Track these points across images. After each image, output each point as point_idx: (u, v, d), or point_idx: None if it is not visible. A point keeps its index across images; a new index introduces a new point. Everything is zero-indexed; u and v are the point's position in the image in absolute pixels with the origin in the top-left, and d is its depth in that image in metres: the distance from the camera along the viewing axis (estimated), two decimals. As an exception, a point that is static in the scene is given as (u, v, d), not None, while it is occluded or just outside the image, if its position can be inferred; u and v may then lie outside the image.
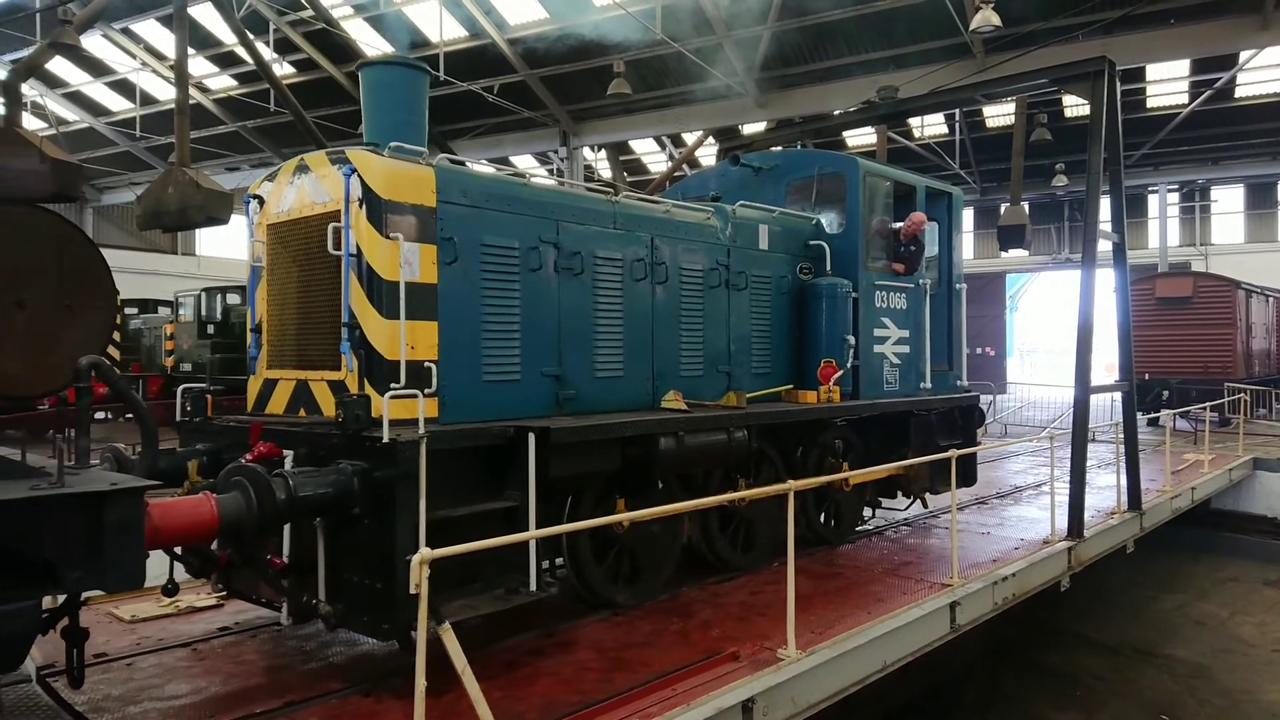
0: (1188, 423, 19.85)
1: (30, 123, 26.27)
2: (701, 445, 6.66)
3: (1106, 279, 10.85)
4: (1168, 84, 25.75)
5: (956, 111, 26.72)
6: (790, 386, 8.15)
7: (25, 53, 20.85)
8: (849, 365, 8.13)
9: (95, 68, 28.41)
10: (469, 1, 22.18)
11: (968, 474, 9.47)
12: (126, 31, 25.92)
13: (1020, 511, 10.94)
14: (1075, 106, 26.33)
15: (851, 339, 8.15)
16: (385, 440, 4.92)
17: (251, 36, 20.18)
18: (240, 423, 5.96)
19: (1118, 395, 10.97)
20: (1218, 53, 21.16)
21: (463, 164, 6.37)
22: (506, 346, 6.10)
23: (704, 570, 7.64)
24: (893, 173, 9.12)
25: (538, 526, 5.61)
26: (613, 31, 20.38)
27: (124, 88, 29.43)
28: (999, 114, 27.92)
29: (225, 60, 26.54)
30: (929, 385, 9.22)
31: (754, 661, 5.49)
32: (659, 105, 25.37)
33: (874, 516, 9.65)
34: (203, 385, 6.41)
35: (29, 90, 22.24)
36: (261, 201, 6.38)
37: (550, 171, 28.41)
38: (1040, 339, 58.90)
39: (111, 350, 22.82)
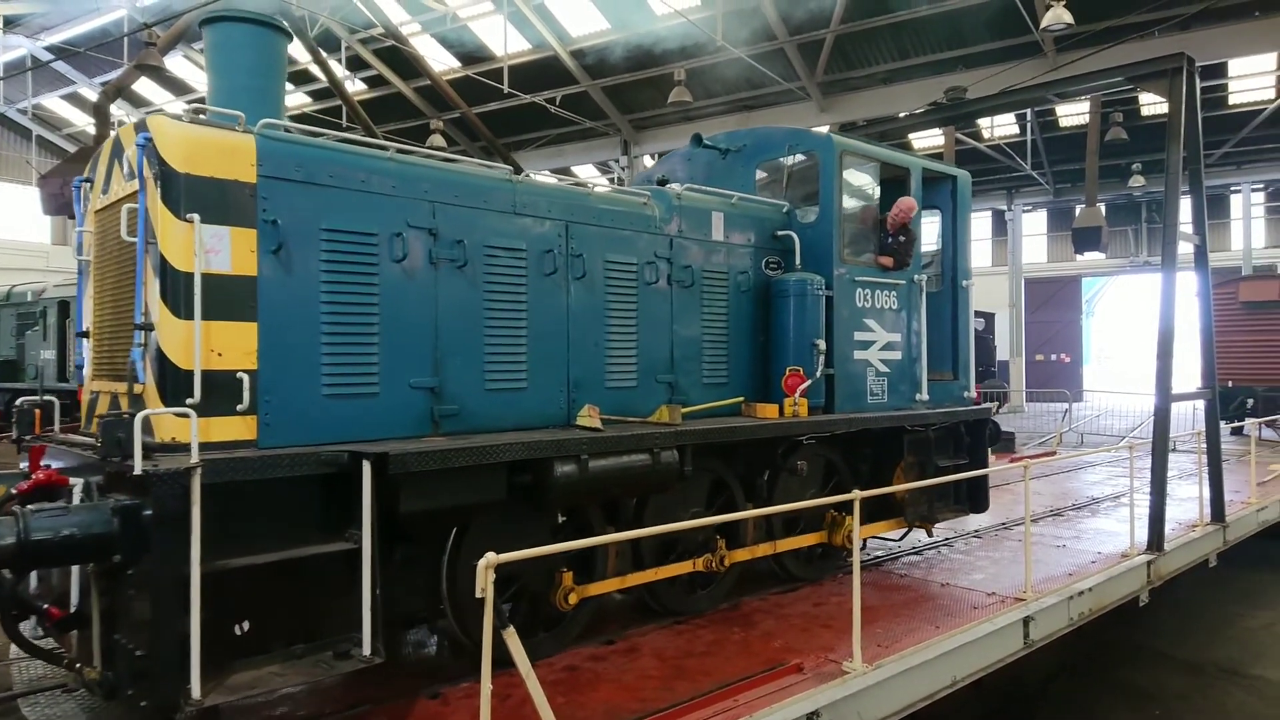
0: (1274, 432, 18.62)
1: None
2: (615, 470, 5.40)
3: (1188, 283, 10.08)
4: (1251, 79, 23.91)
5: (1028, 111, 25.26)
6: (742, 399, 6.89)
7: (113, 75, 21.80)
8: (818, 374, 6.85)
9: (178, 87, 28.85)
10: (532, 15, 21.89)
11: (977, 499, 8.26)
12: (208, 53, 26.96)
13: (1097, 524, 10.34)
14: (1152, 104, 24.57)
15: (822, 344, 6.85)
16: (137, 471, 3.84)
17: (324, 55, 20.69)
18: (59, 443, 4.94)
19: (1200, 404, 10.39)
20: (1305, 46, 20.03)
21: (300, 131, 5.14)
22: (357, 353, 4.88)
23: (766, 580, 7.23)
24: (879, 152, 7.72)
25: (400, 571, 4.80)
26: (673, 40, 19.85)
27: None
28: (1072, 113, 26.24)
29: (299, 78, 26.50)
30: (926, 397, 7.84)
31: (818, 674, 5.23)
32: (720, 112, 24.62)
33: (864, 549, 8.25)
34: (35, 399, 5.40)
35: (116, 110, 23.04)
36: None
37: (611, 180, 28.51)
38: (1118, 345, 56.95)
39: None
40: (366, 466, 4.34)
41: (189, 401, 4.19)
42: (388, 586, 4.64)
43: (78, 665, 4.26)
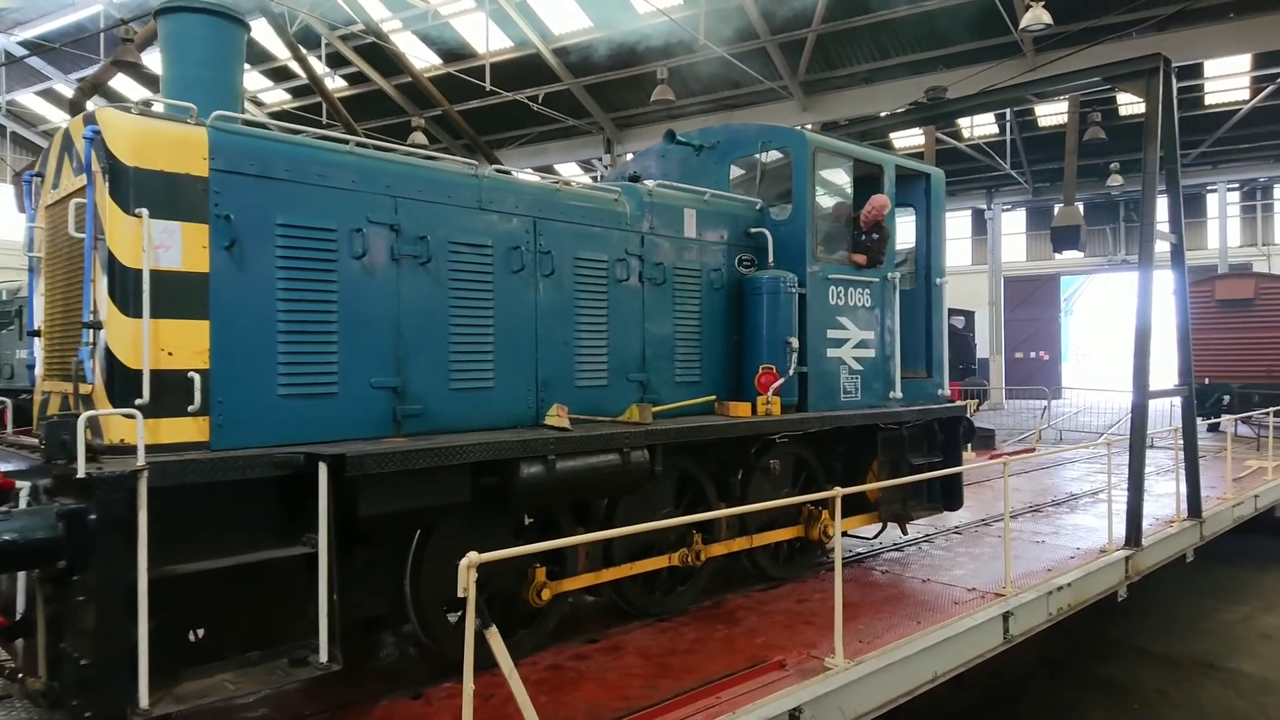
0: (1250, 428, 18.56)
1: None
2: (584, 470, 5.25)
3: (1164, 281, 10.16)
4: (1227, 80, 23.96)
5: (1007, 111, 25.39)
6: (714, 398, 6.75)
7: (90, 71, 21.42)
8: (791, 372, 6.73)
9: (155, 84, 28.94)
10: (514, 12, 21.67)
11: (951, 497, 8.18)
12: (188, 49, 26.54)
13: (1076, 519, 10.33)
14: (1130, 104, 24.60)
15: (795, 341, 6.73)
16: (80, 475, 3.67)
17: (304, 51, 20.39)
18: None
19: (1177, 400, 10.57)
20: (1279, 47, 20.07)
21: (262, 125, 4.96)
22: (315, 352, 4.69)
23: (747, 579, 7.19)
24: (852, 149, 7.59)
25: (361, 575, 4.68)
26: (656, 38, 19.75)
27: (182, 103, 30.21)
28: (1051, 113, 26.21)
29: (279, 74, 26.35)
30: (900, 395, 7.73)
31: (800, 670, 5.20)
32: (702, 110, 24.47)
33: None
34: None
35: (93, 106, 22.63)
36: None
37: (594, 179, 28.33)
38: (1096, 343, 57.18)
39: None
40: (323, 468, 4.17)
41: (137, 402, 4.02)
42: (348, 591, 4.52)
43: (20, 675, 4.09)
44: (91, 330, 4.22)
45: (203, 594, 4.15)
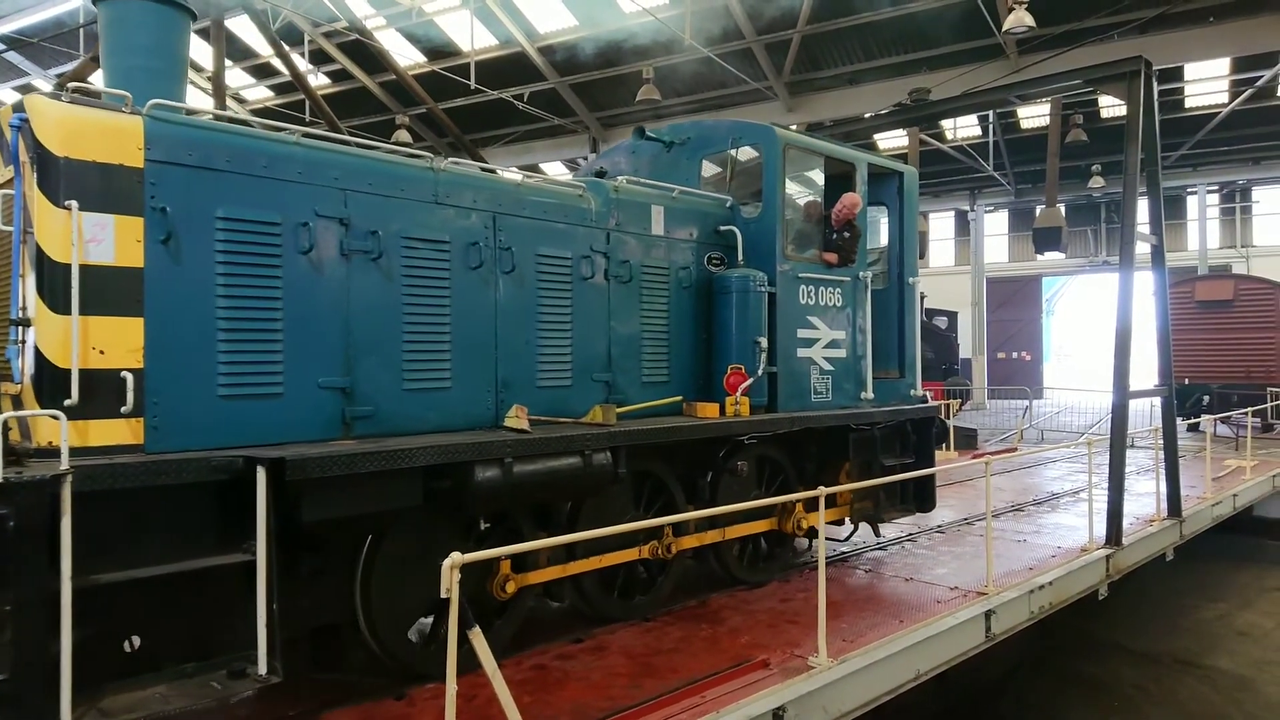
0: (1229, 428, 18.61)
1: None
2: (543, 474, 5.05)
3: (1145, 282, 10.09)
4: (1207, 83, 23.99)
5: (990, 113, 25.25)
6: (682, 398, 6.56)
7: (69, 67, 21.07)
8: (760, 372, 6.55)
9: None
10: (499, 10, 21.50)
11: (923, 498, 8.05)
12: (170, 46, 26.18)
13: (1057, 519, 10.34)
14: (1111, 107, 24.57)
15: (764, 341, 6.56)
16: None
17: (287, 48, 20.06)
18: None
19: (1157, 400, 10.44)
20: (1258, 51, 19.60)
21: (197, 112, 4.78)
22: (258, 351, 4.47)
23: (725, 582, 7.08)
24: (823, 146, 7.41)
25: (308, 583, 4.51)
26: (642, 38, 19.60)
27: (165, 100, 29.80)
28: (1033, 115, 26.19)
29: (261, 71, 26.01)
30: (872, 395, 7.58)
31: (784, 669, 5.18)
32: (688, 110, 24.28)
33: (810, 549, 8.21)
34: None
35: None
36: None
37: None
38: (1078, 343, 57.37)
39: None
40: (261, 472, 3.95)
41: (66, 403, 3.79)
42: (295, 600, 4.32)
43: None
44: (20, 328, 4.00)
45: (139, 603, 3.94)
